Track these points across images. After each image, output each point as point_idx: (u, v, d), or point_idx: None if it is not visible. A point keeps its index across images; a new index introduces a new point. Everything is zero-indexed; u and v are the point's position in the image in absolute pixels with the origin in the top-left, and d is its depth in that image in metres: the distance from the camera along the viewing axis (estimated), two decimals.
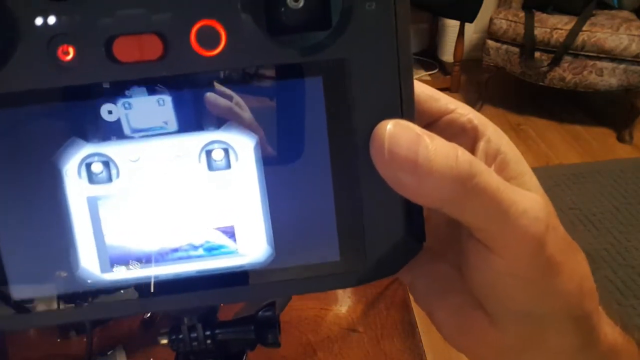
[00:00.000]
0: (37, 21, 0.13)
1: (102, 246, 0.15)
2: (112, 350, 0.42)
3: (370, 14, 0.14)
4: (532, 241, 0.15)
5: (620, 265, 1.57)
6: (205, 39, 0.14)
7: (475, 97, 2.58)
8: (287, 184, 0.15)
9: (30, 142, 0.14)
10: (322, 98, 0.15)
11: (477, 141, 0.18)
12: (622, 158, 2.12)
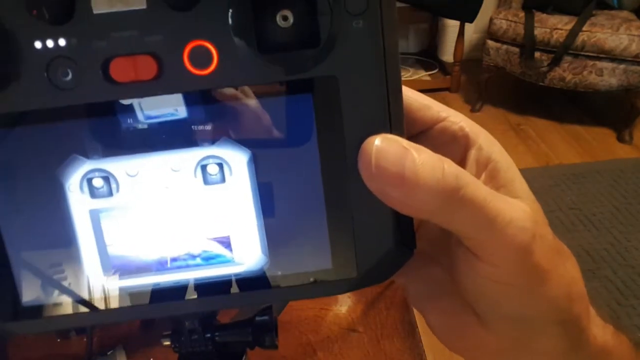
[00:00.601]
0: (36, 44, 0.14)
1: (105, 256, 0.16)
2: (112, 350, 0.42)
3: (357, 32, 0.15)
4: (519, 250, 0.16)
5: (620, 265, 1.57)
6: (197, 58, 0.14)
7: (475, 97, 2.58)
8: (280, 197, 0.16)
9: (34, 159, 0.15)
10: (312, 114, 0.15)
11: (468, 149, 0.18)
12: (622, 158, 2.12)
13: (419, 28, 3.06)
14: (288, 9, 0.14)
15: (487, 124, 2.45)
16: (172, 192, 0.16)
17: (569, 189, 1.93)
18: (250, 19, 0.14)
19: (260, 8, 0.14)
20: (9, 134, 0.15)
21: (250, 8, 0.14)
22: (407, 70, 2.87)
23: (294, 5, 0.14)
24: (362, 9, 0.14)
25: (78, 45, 0.14)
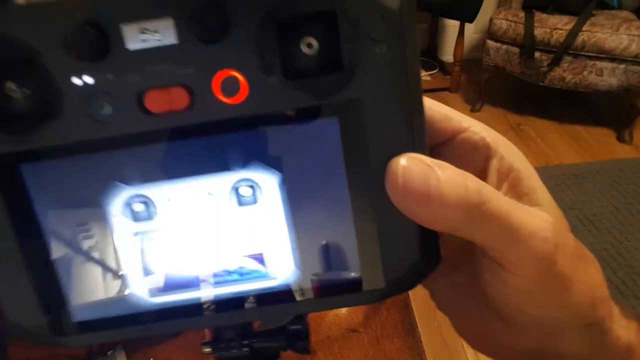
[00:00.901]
0: (75, 81, 0.15)
1: (147, 274, 0.17)
2: (112, 350, 0.42)
3: (381, 57, 0.15)
4: (542, 260, 0.16)
5: (620, 265, 1.57)
6: (227, 87, 0.15)
7: (475, 97, 2.58)
8: (310, 215, 0.17)
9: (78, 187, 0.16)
10: (338, 136, 0.16)
11: (490, 158, 0.19)
12: (622, 158, 2.12)
13: (419, 28, 3.06)
14: (312, 36, 0.15)
15: (487, 124, 2.43)
16: (208, 214, 0.17)
17: (569, 189, 1.93)
18: (275, 47, 0.15)
19: (284, 36, 0.15)
20: (53, 165, 0.16)
21: (275, 37, 0.15)
22: None
23: (318, 32, 0.15)
24: (384, 34, 0.15)
25: (114, 80, 0.15)
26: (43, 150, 0.16)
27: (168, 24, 0.14)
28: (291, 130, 0.16)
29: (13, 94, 0.15)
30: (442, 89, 2.77)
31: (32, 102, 0.15)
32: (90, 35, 0.14)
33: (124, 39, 0.14)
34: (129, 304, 0.18)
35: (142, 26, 0.14)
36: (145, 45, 0.15)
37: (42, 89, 0.15)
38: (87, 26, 0.14)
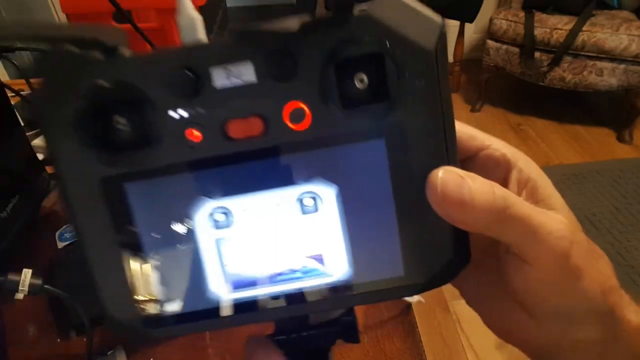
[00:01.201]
0: (174, 115, 0.18)
1: (225, 273, 0.20)
2: (112, 350, 0.42)
3: (420, 89, 0.18)
4: (559, 255, 0.19)
5: (620, 265, 1.57)
6: (294, 116, 0.18)
7: (475, 97, 2.58)
8: (362, 220, 0.20)
9: (172, 200, 0.19)
10: (385, 154, 0.19)
11: (510, 171, 0.22)
12: (622, 158, 2.12)
13: None
14: (363, 72, 0.18)
15: (487, 124, 2.47)
16: (276, 221, 0.20)
17: (569, 189, 1.93)
18: (334, 83, 0.18)
19: (341, 74, 0.18)
20: (151, 183, 0.19)
21: (334, 75, 0.18)
22: None
23: (368, 69, 0.18)
24: (423, 71, 0.18)
25: (204, 113, 0.18)
26: (144, 171, 0.19)
27: (248, 66, 0.18)
28: (346, 150, 0.19)
29: (123, 126, 0.18)
30: None
31: (138, 132, 0.18)
32: (185, 78, 0.17)
33: (212, 80, 0.18)
34: (208, 300, 0.20)
35: (227, 69, 0.18)
36: (229, 84, 0.18)
37: (147, 121, 0.18)
38: (183, 70, 0.17)
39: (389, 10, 0.18)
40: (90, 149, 0.18)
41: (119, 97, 0.18)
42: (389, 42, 0.18)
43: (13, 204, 0.52)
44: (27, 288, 0.38)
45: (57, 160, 0.18)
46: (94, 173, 0.19)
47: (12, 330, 0.45)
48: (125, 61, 0.18)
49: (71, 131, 0.18)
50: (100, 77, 0.17)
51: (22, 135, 0.58)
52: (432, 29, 0.18)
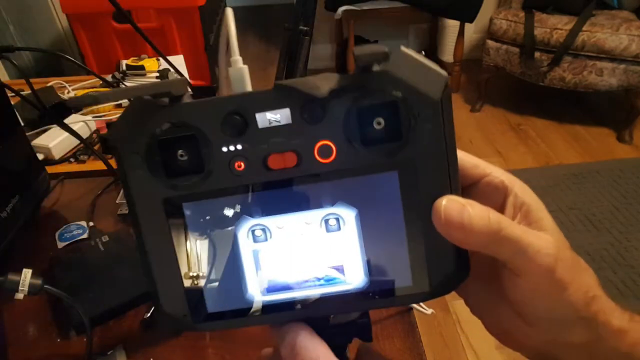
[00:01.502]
0: (224, 149, 0.22)
1: (261, 279, 0.24)
2: (112, 350, 0.42)
3: (428, 131, 0.22)
4: (546, 270, 0.22)
5: (620, 265, 1.57)
6: (323, 152, 0.22)
7: (475, 97, 2.58)
8: (377, 238, 0.24)
9: (221, 219, 0.23)
10: (397, 184, 0.23)
11: (507, 196, 0.25)
12: (622, 158, 2.12)
13: (419, 28, 3.06)
14: (381, 117, 0.22)
15: (487, 124, 2.47)
16: (305, 237, 0.24)
17: (569, 189, 1.93)
18: (356, 125, 0.22)
19: (362, 118, 0.22)
20: (204, 204, 0.23)
21: (356, 119, 0.22)
22: None
23: (385, 114, 0.22)
24: (430, 116, 0.22)
25: (249, 148, 0.22)
26: (198, 194, 0.23)
27: (286, 112, 0.22)
28: (365, 180, 0.23)
29: (183, 158, 0.22)
30: None
31: (195, 163, 0.22)
32: (235, 121, 0.22)
33: (257, 122, 0.22)
34: (245, 301, 0.24)
35: (269, 113, 0.22)
36: (270, 125, 0.22)
37: (202, 154, 0.22)
38: (234, 115, 0.22)
39: (403, 66, 0.21)
40: (156, 175, 0.22)
41: (181, 135, 0.22)
42: (403, 93, 0.21)
43: (13, 204, 0.52)
44: (27, 288, 0.38)
45: (127, 183, 0.23)
46: (158, 194, 0.23)
47: (12, 330, 0.45)
48: (187, 106, 0.22)
49: (142, 160, 0.22)
50: (167, 119, 0.22)
51: (22, 135, 0.58)
52: (439, 82, 0.22)
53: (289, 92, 0.21)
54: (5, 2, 1.48)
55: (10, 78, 1.33)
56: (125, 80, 1.02)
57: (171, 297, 0.24)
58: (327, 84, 0.21)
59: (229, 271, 0.24)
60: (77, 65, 0.69)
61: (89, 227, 0.57)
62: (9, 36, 1.49)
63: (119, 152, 0.22)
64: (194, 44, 1.65)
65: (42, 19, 1.72)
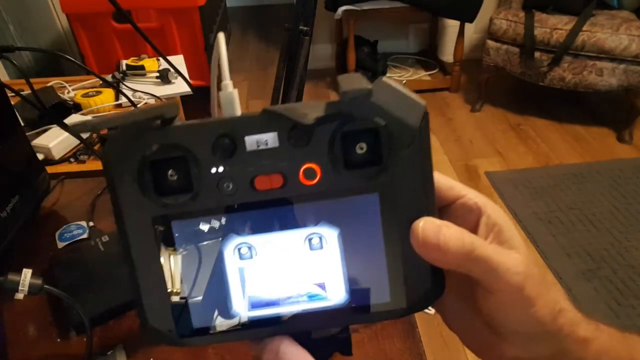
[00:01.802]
0: (213, 170, 0.23)
1: (245, 295, 0.25)
2: (112, 350, 0.42)
3: (407, 156, 0.23)
4: (514, 288, 0.23)
5: (620, 265, 1.57)
6: (308, 174, 0.23)
7: (475, 97, 2.58)
8: (357, 257, 0.24)
9: (208, 237, 0.24)
10: (378, 205, 0.24)
11: (480, 216, 0.26)
12: (622, 158, 2.12)
13: (419, 28, 3.06)
14: (363, 142, 0.23)
15: (487, 124, 2.47)
16: (289, 255, 0.24)
17: (569, 189, 1.93)
18: (340, 150, 0.23)
19: (345, 143, 0.23)
20: (192, 222, 0.24)
21: (340, 144, 0.23)
22: (407, 70, 2.87)
23: (367, 140, 0.23)
24: (409, 142, 0.23)
25: (237, 170, 0.23)
26: (187, 213, 0.23)
27: (274, 135, 0.22)
28: (347, 201, 0.24)
29: (173, 178, 0.23)
30: (442, 89, 2.77)
31: (184, 182, 0.23)
32: (225, 144, 0.22)
33: (245, 145, 0.23)
34: (231, 317, 0.25)
35: (257, 137, 0.22)
36: (258, 147, 0.23)
37: (192, 174, 0.23)
38: (224, 138, 0.22)
39: (385, 95, 0.22)
40: (146, 193, 0.23)
41: (172, 156, 0.23)
42: (384, 120, 0.22)
43: (13, 204, 0.52)
44: (27, 288, 0.38)
45: (117, 200, 0.23)
46: (148, 212, 0.23)
47: (12, 330, 0.45)
48: (179, 129, 0.23)
49: (133, 179, 0.23)
50: (159, 141, 0.22)
51: (22, 135, 0.58)
52: (418, 111, 0.23)
53: (277, 117, 0.22)
54: (5, 2, 1.48)
55: (10, 78, 1.33)
56: (125, 80, 1.02)
57: (157, 312, 0.25)
58: (314, 112, 0.22)
59: (215, 287, 0.25)
60: (77, 65, 0.69)
61: (89, 227, 0.57)
62: (9, 36, 1.49)
63: (110, 171, 0.23)
64: (194, 44, 1.65)
65: (42, 19, 1.72)
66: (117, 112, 0.21)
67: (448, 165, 2.14)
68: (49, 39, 1.76)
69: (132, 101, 0.74)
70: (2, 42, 1.44)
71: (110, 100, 0.92)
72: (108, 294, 0.46)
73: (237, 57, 3.33)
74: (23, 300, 0.39)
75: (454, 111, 2.58)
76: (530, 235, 1.71)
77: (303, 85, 0.53)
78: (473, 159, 2.18)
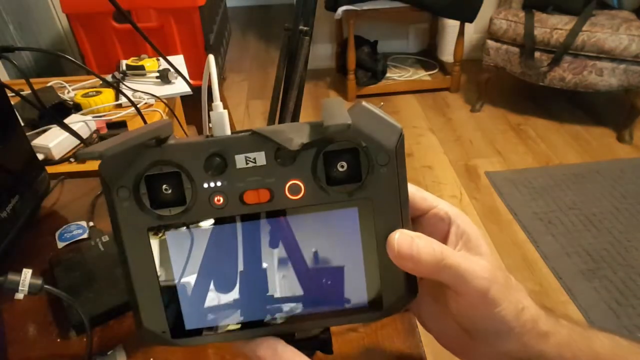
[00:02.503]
0: (205, 185, 0.25)
1: (234, 301, 0.27)
2: (112, 350, 0.42)
3: (383, 174, 0.26)
4: (480, 292, 0.26)
5: (620, 265, 1.57)
6: (293, 190, 0.25)
7: (475, 97, 2.58)
8: (338, 265, 0.27)
9: (198, 245, 0.26)
10: (357, 218, 0.26)
11: (451, 226, 0.29)
12: (622, 158, 2.12)
13: (419, 28, 3.06)
14: (344, 161, 0.25)
15: (487, 124, 2.47)
16: (276, 264, 0.26)
17: (569, 189, 1.93)
18: (322, 168, 0.25)
19: (327, 162, 0.25)
20: (185, 232, 0.26)
21: (322, 162, 0.25)
22: (407, 70, 2.87)
23: (347, 159, 0.25)
24: (386, 161, 0.25)
25: (227, 185, 0.25)
26: (180, 224, 0.25)
27: (261, 154, 0.25)
28: (329, 214, 0.26)
29: (167, 192, 0.25)
30: (442, 89, 2.77)
31: (178, 196, 0.25)
32: (217, 161, 0.24)
33: (235, 163, 0.25)
34: (220, 319, 0.27)
35: (247, 155, 0.25)
36: (247, 165, 0.25)
37: (185, 189, 0.25)
38: (215, 156, 0.25)
39: (364, 119, 0.25)
40: (142, 206, 0.25)
41: (165, 171, 0.25)
42: (364, 142, 0.25)
43: (13, 204, 0.52)
44: (27, 288, 0.38)
45: (115, 212, 0.25)
46: (143, 223, 0.25)
47: (12, 330, 0.45)
48: (174, 147, 0.25)
49: (129, 193, 0.25)
50: (155, 158, 0.24)
51: (22, 135, 0.58)
52: (394, 133, 0.25)
53: (264, 139, 0.24)
54: (5, 2, 1.48)
55: (10, 78, 1.33)
56: (125, 80, 1.02)
57: (152, 315, 0.27)
58: (299, 137, 0.24)
59: (207, 292, 0.27)
60: (77, 65, 0.69)
61: (89, 227, 0.57)
62: (9, 36, 1.49)
63: (107, 185, 0.25)
64: (194, 44, 1.65)
65: (42, 19, 1.72)
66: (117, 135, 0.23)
67: (448, 165, 2.14)
68: (49, 39, 1.76)
69: (132, 101, 0.73)
70: (2, 42, 1.44)
71: (110, 100, 0.92)
72: (108, 294, 0.46)
73: (237, 57, 3.33)
74: (23, 300, 0.39)
75: (454, 111, 2.58)
76: (530, 235, 1.71)
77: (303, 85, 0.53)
78: (473, 159, 2.18)
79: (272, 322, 0.27)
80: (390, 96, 2.74)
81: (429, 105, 2.65)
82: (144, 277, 0.26)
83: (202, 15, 1.61)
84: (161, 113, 0.90)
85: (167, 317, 0.27)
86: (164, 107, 0.92)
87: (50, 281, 0.40)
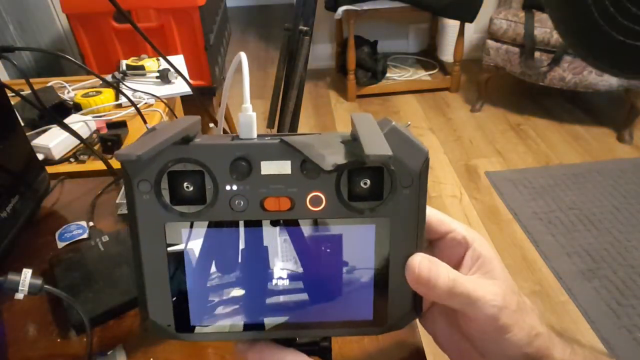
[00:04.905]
0: (228, 188, 0.25)
1: (239, 304, 0.28)
2: (112, 350, 0.42)
3: (405, 195, 0.26)
4: (491, 318, 0.27)
5: (620, 265, 1.57)
6: (314, 201, 0.25)
7: (475, 97, 2.58)
8: (349, 278, 0.27)
9: (213, 244, 0.26)
10: (373, 236, 0.26)
11: (467, 249, 0.30)
12: (622, 158, 2.12)
13: (419, 28, 3.06)
14: (368, 179, 0.25)
15: (487, 124, 2.47)
16: (286, 272, 0.27)
17: (569, 189, 1.93)
18: (345, 184, 0.25)
19: (352, 178, 0.25)
20: (203, 231, 0.26)
21: (346, 178, 0.25)
22: (407, 70, 2.87)
23: (371, 177, 0.25)
24: (409, 184, 0.26)
25: (250, 190, 0.25)
26: (199, 222, 0.26)
27: (287, 164, 0.25)
28: (346, 228, 0.26)
29: (188, 189, 0.25)
30: (442, 89, 2.77)
31: (198, 195, 0.25)
32: (242, 165, 0.25)
33: (260, 169, 0.25)
34: (225, 318, 0.27)
35: (272, 163, 0.25)
36: (272, 172, 0.25)
37: (207, 189, 0.25)
38: (241, 160, 0.25)
39: (393, 140, 0.24)
40: (161, 201, 0.25)
41: (190, 170, 0.25)
42: (390, 163, 0.25)
43: (13, 204, 0.52)
44: (27, 288, 0.38)
45: (134, 204, 0.25)
46: (161, 218, 0.25)
47: (12, 330, 0.45)
48: (201, 147, 0.25)
49: (151, 187, 0.25)
50: (181, 155, 0.25)
51: (22, 135, 0.58)
52: (420, 156, 0.25)
53: (293, 150, 0.24)
54: (5, 2, 1.48)
55: (10, 78, 1.33)
56: (125, 80, 1.02)
57: (158, 307, 0.27)
58: (332, 155, 0.24)
59: (212, 291, 0.27)
60: (77, 65, 0.69)
61: (89, 227, 0.57)
62: (9, 36, 1.49)
63: (129, 176, 0.25)
64: (194, 44, 1.65)
65: (42, 19, 1.72)
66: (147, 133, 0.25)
67: (448, 165, 2.14)
68: (49, 39, 1.76)
69: (132, 101, 0.73)
70: (2, 42, 1.44)
71: (110, 100, 0.92)
72: (108, 294, 0.46)
73: None
74: (23, 300, 0.39)
75: (454, 111, 2.58)
76: (530, 235, 1.71)
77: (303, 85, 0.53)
78: (473, 159, 2.18)
79: (275, 325, 0.27)
80: (390, 96, 2.74)
81: (429, 105, 2.65)
82: (155, 270, 0.26)
83: (202, 15, 1.61)
84: (161, 113, 0.90)
85: (174, 311, 0.27)
86: (164, 107, 0.92)
87: (50, 281, 0.40)
